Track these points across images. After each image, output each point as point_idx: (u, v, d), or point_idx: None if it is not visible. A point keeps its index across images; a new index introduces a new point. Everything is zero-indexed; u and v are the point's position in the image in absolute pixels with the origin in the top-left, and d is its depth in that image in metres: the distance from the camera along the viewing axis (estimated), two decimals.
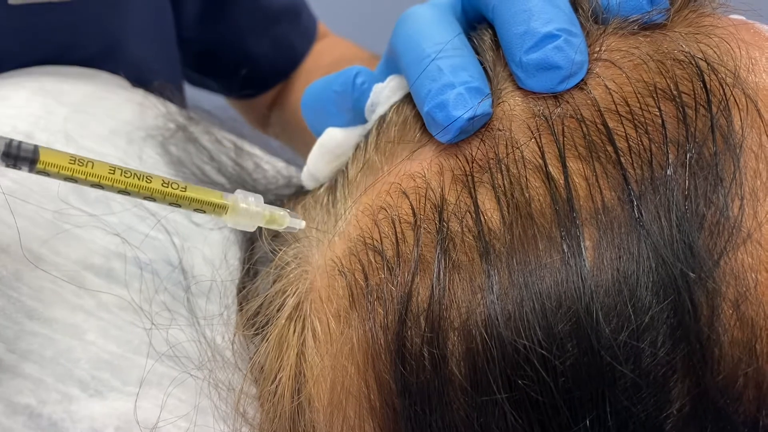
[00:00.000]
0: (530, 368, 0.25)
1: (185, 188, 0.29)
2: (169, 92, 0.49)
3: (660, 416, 0.25)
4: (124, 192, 0.29)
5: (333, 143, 0.35)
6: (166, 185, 0.29)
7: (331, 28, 0.75)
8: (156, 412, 0.31)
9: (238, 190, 0.31)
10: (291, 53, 0.70)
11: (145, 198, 0.29)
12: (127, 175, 0.28)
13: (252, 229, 0.31)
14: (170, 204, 0.29)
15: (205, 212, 0.30)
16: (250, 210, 0.31)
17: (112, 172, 0.28)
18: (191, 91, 0.68)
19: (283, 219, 0.31)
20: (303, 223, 0.32)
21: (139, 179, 0.29)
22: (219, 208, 0.30)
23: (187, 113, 0.48)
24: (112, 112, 0.44)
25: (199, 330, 0.34)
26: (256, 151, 0.48)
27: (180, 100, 0.52)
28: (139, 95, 0.47)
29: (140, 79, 0.49)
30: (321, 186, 0.35)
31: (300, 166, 0.46)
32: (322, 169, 0.35)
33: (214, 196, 0.30)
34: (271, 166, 0.46)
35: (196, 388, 0.32)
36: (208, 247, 0.38)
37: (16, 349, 0.31)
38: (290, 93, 0.71)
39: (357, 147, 0.34)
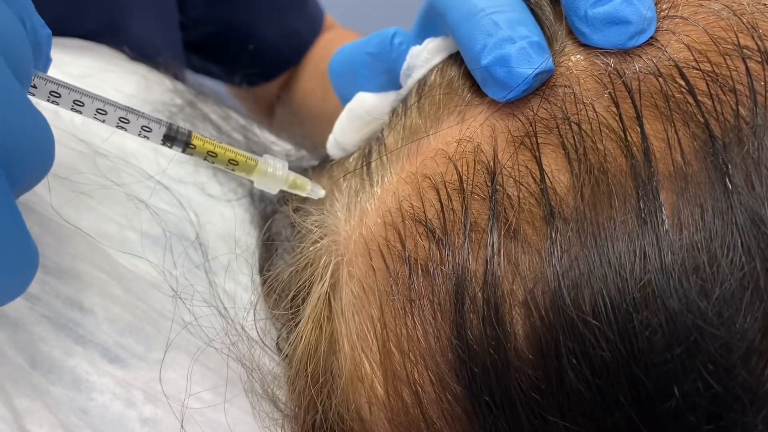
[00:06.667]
0: (605, 339, 0.23)
1: (221, 143, 0.31)
2: (175, 68, 0.47)
3: (763, 387, 0.23)
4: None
5: (364, 109, 0.32)
6: (203, 137, 0.31)
7: (338, 21, 0.73)
8: (181, 383, 0.29)
9: (266, 155, 0.31)
10: (297, 41, 0.68)
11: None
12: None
13: (275, 191, 0.32)
14: (207, 153, 0.30)
15: (237, 164, 0.31)
16: (276, 173, 0.32)
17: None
18: (190, 78, 0.66)
19: (305, 184, 0.32)
20: (323, 192, 0.32)
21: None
22: (250, 163, 0.31)
23: (194, 90, 0.46)
24: (116, 85, 0.42)
25: (219, 304, 0.31)
26: (264, 131, 0.45)
27: (183, 80, 0.49)
28: (143, 69, 0.45)
29: (143, 56, 0.47)
30: (350, 155, 0.33)
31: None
32: (350, 136, 0.33)
33: (244, 155, 0.31)
34: (279, 145, 0.44)
35: (221, 362, 0.30)
36: (224, 223, 0.36)
37: (34, 308, 0.28)
38: (297, 82, 0.69)
39: (394, 112, 0.32)
